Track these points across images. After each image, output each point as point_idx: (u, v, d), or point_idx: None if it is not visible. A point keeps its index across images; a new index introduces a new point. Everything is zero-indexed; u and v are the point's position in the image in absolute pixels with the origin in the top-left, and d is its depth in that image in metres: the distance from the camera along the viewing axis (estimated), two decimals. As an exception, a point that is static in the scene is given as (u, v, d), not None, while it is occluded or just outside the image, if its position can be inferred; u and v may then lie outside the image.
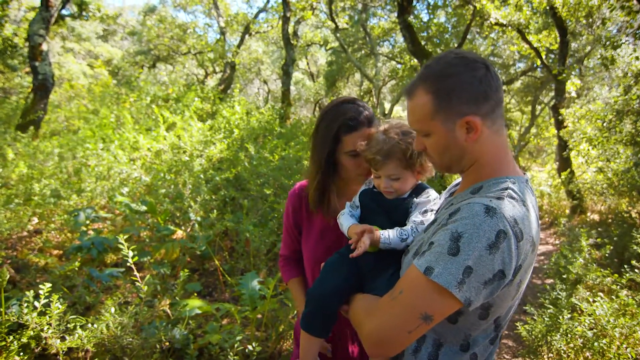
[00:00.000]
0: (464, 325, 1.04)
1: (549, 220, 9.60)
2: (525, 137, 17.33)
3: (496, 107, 1.04)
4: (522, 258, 0.94)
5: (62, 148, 5.54)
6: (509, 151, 1.10)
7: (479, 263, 0.89)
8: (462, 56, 1.03)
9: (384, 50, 19.61)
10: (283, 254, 1.73)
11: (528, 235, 0.94)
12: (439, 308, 0.93)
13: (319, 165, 1.46)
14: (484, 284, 0.91)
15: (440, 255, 0.93)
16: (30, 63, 8.05)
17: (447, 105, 1.02)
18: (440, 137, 1.06)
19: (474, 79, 1.00)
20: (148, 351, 2.41)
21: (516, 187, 1.00)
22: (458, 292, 0.90)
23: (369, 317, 1.05)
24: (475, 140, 1.04)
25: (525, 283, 1.04)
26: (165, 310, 3.21)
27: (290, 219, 1.64)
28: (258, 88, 25.66)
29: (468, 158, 1.08)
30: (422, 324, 0.95)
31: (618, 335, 2.80)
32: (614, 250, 5.65)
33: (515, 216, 0.93)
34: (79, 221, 4.04)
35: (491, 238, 0.89)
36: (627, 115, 7.25)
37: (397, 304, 0.97)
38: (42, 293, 2.12)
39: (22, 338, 2.10)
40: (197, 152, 5.93)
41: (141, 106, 8.86)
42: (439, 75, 1.03)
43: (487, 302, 0.99)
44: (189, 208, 4.35)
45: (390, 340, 0.98)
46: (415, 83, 1.08)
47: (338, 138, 1.40)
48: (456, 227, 0.94)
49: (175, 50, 17.23)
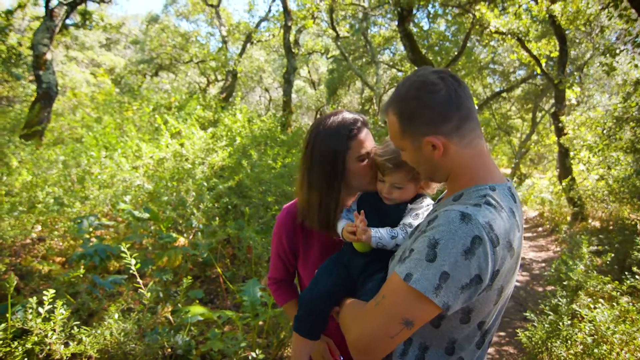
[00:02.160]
0: (447, 330, 1.07)
1: (550, 227, 9.60)
2: (525, 144, 17.34)
3: (462, 123, 1.07)
4: (499, 263, 0.97)
5: (66, 156, 5.58)
6: (488, 159, 1.13)
7: (455, 268, 0.92)
8: (423, 79, 1.08)
9: (384, 58, 19.74)
10: (274, 277, 1.66)
11: (504, 240, 0.97)
12: (419, 313, 0.97)
13: (323, 184, 1.40)
14: (461, 289, 0.94)
15: (418, 262, 0.96)
16: (34, 72, 8.15)
17: (410, 127, 1.09)
18: (411, 154, 1.14)
19: (432, 102, 1.05)
20: (151, 357, 2.43)
21: (496, 193, 1.04)
22: (435, 298, 0.93)
23: (354, 324, 1.09)
24: (442, 156, 1.09)
25: (508, 289, 1.07)
26: (167, 317, 3.23)
27: (284, 245, 1.56)
28: (260, 96, 25.81)
29: (441, 171, 1.14)
30: (404, 329, 0.98)
31: (618, 341, 2.81)
32: (615, 257, 5.65)
33: (491, 222, 0.96)
34: (82, 228, 4.07)
35: (467, 244, 0.93)
36: (626, 123, 7.28)
37: (379, 310, 1.01)
38: (46, 299, 2.15)
39: (27, 344, 2.13)
40: (200, 160, 5.97)
41: (144, 114, 8.92)
42: (402, 99, 1.10)
43: (467, 306, 1.02)
44: (192, 215, 4.38)
45: (374, 347, 1.01)
46: (387, 104, 1.15)
47: (347, 147, 1.37)
48: (433, 234, 0.97)
49: (178, 58, 17.36)
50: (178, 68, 19.09)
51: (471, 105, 1.10)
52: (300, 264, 1.56)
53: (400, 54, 17.54)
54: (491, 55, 16.91)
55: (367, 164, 1.38)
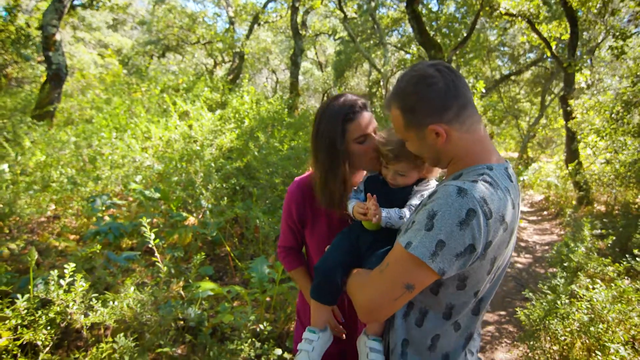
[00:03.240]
0: (445, 296, 1.16)
1: (555, 211, 9.64)
2: (533, 128, 17.21)
3: (461, 111, 1.15)
4: (491, 234, 1.05)
5: (77, 137, 5.70)
6: (487, 143, 1.21)
7: (451, 237, 1.01)
8: (420, 73, 1.16)
9: (392, 40, 19.51)
10: (284, 245, 1.76)
11: (498, 214, 1.05)
12: (419, 278, 1.07)
13: (327, 164, 1.49)
14: (455, 257, 1.03)
15: (418, 232, 1.06)
16: (44, 53, 8.21)
17: (413, 119, 1.17)
18: (415, 144, 1.22)
19: (432, 94, 1.13)
20: (165, 327, 2.56)
21: (493, 172, 1.12)
22: (432, 263, 1.02)
23: (361, 290, 1.20)
24: (445, 142, 1.17)
25: (500, 260, 1.15)
26: (179, 292, 3.37)
27: (293, 215, 1.66)
28: (266, 78, 25.71)
29: (444, 157, 1.22)
30: (406, 292, 1.08)
31: (611, 320, 2.90)
32: (617, 241, 5.72)
33: (485, 197, 1.04)
34: (95, 207, 4.21)
35: (462, 215, 1.01)
36: (635, 107, 7.23)
37: (384, 276, 1.12)
38: (67, 272, 2.27)
39: (50, 313, 2.26)
40: (208, 142, 6.06)
41: (152, 96, 9.00)
42: (403, 94, 1.17)
43: (463, 274, 1.11)
44: (201, 195, 4.50)
45: (379, 308, 1.12)
46: (389, 100, 1.23)
47: (344, 130, 1.45)
48: (432, 206, 1.06)
49: (185, 39, 17.31)
50: (185, 49, 19.05)
51: (468, 93, 1.18)
52: (308, 234, 1.67)
53: (409, 36, 17.33)
54: (501, 37, 16.66)
55: (367, 145, 1.47)
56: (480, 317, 1.26)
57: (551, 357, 2.99)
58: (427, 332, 1.20)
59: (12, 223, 4.16)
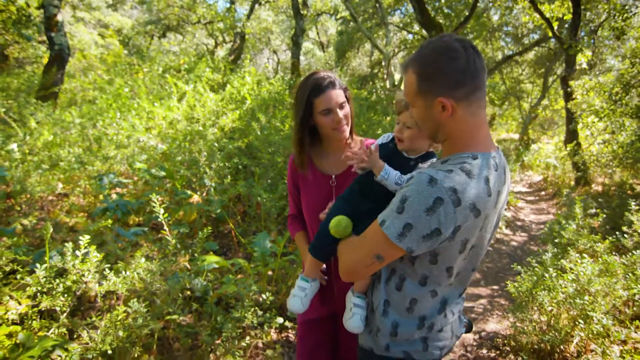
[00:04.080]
0: (420, 267, 1.30)
1: (553, 191, 9.76)
2: (535, 109, 17.19)
3: (473, 92, 1.22)
4: (460, 220, 1.16)
5: (82, 117, 5.81)
6: (484, 129, 1.29)
7: (418, 221, 1.15)
8: (446, 45, 1.21)
9: (395, 19, 19.30)
10: (291, 213, 2.01)
11: (467, 202, 1.15)
12: (387, 252, 1.23)
13: (299, 130, 1.75)
14: (422, 238, 1.16)
15: (391, 212, 1.20)
16: (46, 34, 8.23)
17: (427, 87, 1.23)
18: (421, 110, 1.28)
19: (452, 67, 1.20)
20: (174, 296, 2.73)
21: (475, 162, 1.21)
22: (399, 242, 1.17)
23: (344, 253, 1.39)
24: (448, 117, 1.24)
25: (473, 242, 1.27)
26: (185, 265, 3.54)
27: (290, 180, 1.93)
28: (268, 58, 25.54)
29: (442, 132, 1.29)
30: (376, 262, 1.26)
31: (594, 291, 3.06)
32: (611, 220, 5.86)
33: (455, 186, 1.14)
34: (103, 185, 4.35)
35: (429, 203, 1.13)
36: (634, 88, 7.27)
37: (360, 245, 1.30)
38: (82, 243, 2.43)
39: (67, 281, 2.42)
40: (210, 122, 6.16)
41: (154, 76, 9.04)
42: (425, 61, 1.23)
43: (434, 251, 1.24)
44: (204, 174, 4.63)
45: (355, 272, 1.33)
46: (409, 62, 1.28)
47: (311, 102, 1.69)
48: (405, 191, 1.19)
49: (185, 19, 17.18)
50: (185, 29, 18.90)
51: (484, 77, 1.25)
52: (301, 198, 1.89)
53: (411, 15, 17.14)
54: (505, 17, 16.48)
55: (330, 117, 1.69)
56: (460, 286, 1.39)
57: (538, 326, 3.16)
58: (405, 296, 1.34)
59: (23, 200, 4.31)
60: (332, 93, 1.67)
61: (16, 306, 2.52)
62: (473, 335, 3.57)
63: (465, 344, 3.45)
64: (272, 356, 2.90)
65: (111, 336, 2.19)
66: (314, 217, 1.75)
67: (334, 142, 1.81)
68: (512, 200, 8.24)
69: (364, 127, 6.35)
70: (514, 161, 9.73)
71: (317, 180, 1.83)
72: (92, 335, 2.21)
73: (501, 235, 6.52)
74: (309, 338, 1.91)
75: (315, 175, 1.83)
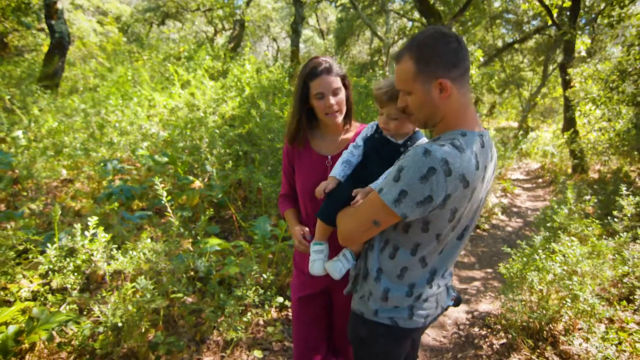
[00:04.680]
0: (412, 235, 1.42)
1: (550, 178, 9.87)
2: (534, 97, 17.20)
3: (464, 74, 1.34)
4: (450, 189, 1.27)
5: (85, 104, 5.89)
6: (471, 109, 1.41)
7: (412, 189, 1.26)
8: (440, 31, 1.34)
9: (395, 6, 19.19)
10: (282, 193, 2.09)
11: (457, 173, 1.26)
12: (384, 217, 1.34)
13: (296, 108, 1.85)
14: (416, 204, 1.27)
15: (389, 181, 1.32)
16: (46, 22, 8.25)
17: (425, 69, 1.32)
18: (419, 95, 1.37)
19: (447, 50, 1.31)
20: (178, 276, 2.86)
21: (464, 138, 1.32)
22: (395, 208, 1.28)
23: (343, 219, 1.51)
24: (446, 98, 1.34)
25: (461, 212, 1.37)
26: (188, 248, 3.66)
27: (285, 160, 2.01)
28: (267, 46, 25.44)
29: (439, 114, 1.38)
30: (373, 227, 1.38)
31: (583, 272, 3.18)
32: (605, 206, 5.98)
33: (447, 158, 1.25)
34: (107, 171, 4.46)
35: (423, 172, 1.24)
36: (630, 75, 7.33)
37: (359, 212, 1.43)
38: (91, 224, 2.54)
39: (77, 260, 2.55)
40: (211, 110, 6.24)
41: (154, 64, 9.09)
42: (421, 45, 1.33)
43: (425, 218, 1.35)
44: (206, 160, 4.73)
45: (353, 237, 1.47)
46: (403, 51, 1.38)
47: (307, 84, 1.78)
48: (402, 162, 1.30)
49: (185, 6, 17.11)
50: (185, 16, 18.82)
51: (469, 63, 1.37)
52: (296, 176, 1.98)
53: (411, 2, 17.05)
54: (506, 3, 16.39)
55: (323, 101, 1.77)
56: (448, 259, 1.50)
57: (527, 305, 3.29)
58: (397, 264, 1.46)
59: (29, 186, 4.43)
60: (327, 78, 1.75)
61: (28, 284, 2.65)
62: (466, 315, 3.71)
63: (458, 322, 3.59)
64: (272, 332, 3.04)
65: (121, 310, 2.32)
66: (308, 197, 1.86)
67: (330, 125, 1.89)
68: (508, 187, 8.35)
69: (362, 114, 6.43)
70: (511, 149, 9.80)
71: (312, 160, 1.91)
72: (103, 309, 2.34)
73: (497, 221, 6.65)
74: (304, 314, 2.02)
75: (311, 155, 1.91)
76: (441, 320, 3.61)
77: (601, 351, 2.64)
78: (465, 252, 5.30)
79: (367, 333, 1.55)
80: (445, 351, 3.18)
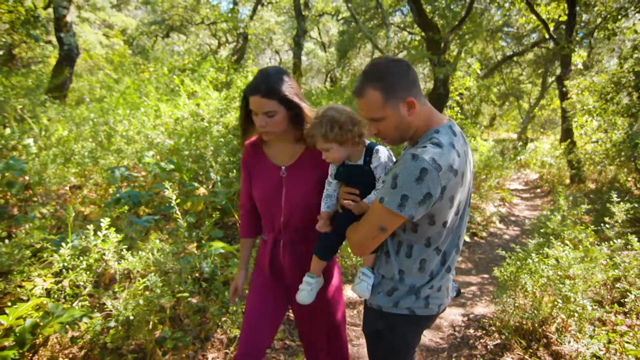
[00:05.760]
0: (422, 231, 1.56)
1: (548, 188, 9.99)
2: (534, 109, 17.42)
3: (417, 86, 1.53)
4: (444, 182, 1.43)
5: (95, 114, 6.08)
6: (432, 110, 1.59)
7: (411, 191, 1.40)
8: (391, 59, 1.52)
9: (396, 20, 19.53)
10: (242, 203, 2.06)
11: (446, 165, 1.42)
12: (390, 222, 1.47)
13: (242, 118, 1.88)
14: (418, 204, 1.41)
15: (387, 190, 1.45)
16: (56, 34, 8.50)
17: (393, 95, 1.49)
18: (392, 119, 1.52)
19: (403, 73, 1.49)
20: (184, 278, 2.99)
21: (439, 134, 1.50)
22: (401, 212, 1.42)
23: (352, 232, 1.63)
24: (414, 113, 1.52)
25: (458, 198, 1.53)
26: (193, 251, 3.79)
27: (243, 169, 2.01)
28: (270, 58, 25.80)
29: (412, 127, 1.56)
30: (381, 233, 1.50)
31: (575, 275, 3.30)
32: (601, 215, 6.10)
33: (434, 156, 1.41)
34: (115, 177, 4.62)
35: (416, 174, 1.39)
36: (624, 87, 7.51)
37: (365, 223, 1.55)
38: (103, 225, 2.69)
39: (90, 259, 2.68)
40: (215, 120, 6.42)
41: (160, 76, 9.32)
42: (382, 75, 1.49)
43: (430, 213, 1.50)
44: (210, 168, 4.89)
45: (364, 244, 1.57)
46: (363, 85, 1.51)
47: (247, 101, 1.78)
48: (395, 170, 1.45)
49: (189, 20, 17.47)
50: (189, 29, 19.20)
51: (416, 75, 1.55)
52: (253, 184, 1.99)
53: (411, 16, 17.36)
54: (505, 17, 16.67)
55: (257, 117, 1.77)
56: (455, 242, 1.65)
57: (520, 308, 3.41)
58: (415, 259, 1.60)
59: (39, 192, 4.58)
60: (258, 100, 1.73)
61: (42, 283, 2.79)
62: (462, 317, 3.82)
63: (454, 324, 3.70)
64: (274, 332, 3.15)
65: (132, 305, 2.45)
66: (265, 206, 1.92)
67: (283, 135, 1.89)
68: (507, 197, 8.48)
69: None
70: (510, 159, 9.96)
71: (267, 170, 1.93)
72: (115, 304, 2.47)
73: (494, 229, 6.76)
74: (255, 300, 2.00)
75: (266, 165, 1.93)
76: (437, 322, 3.72)
77: (588, 348, 2.75)
78: (463, 258, 5.41)
79: (384, 325, 1.68)
80: (440, 351, 3.29)
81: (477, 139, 9.29)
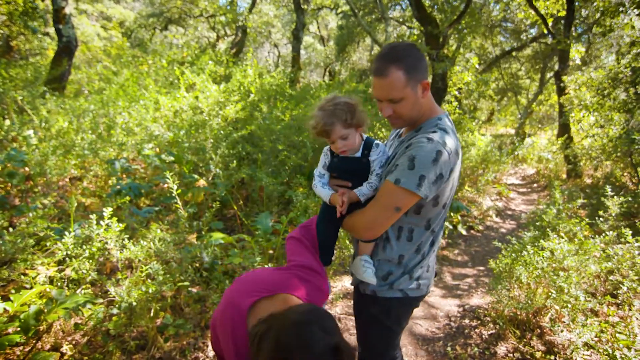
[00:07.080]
0: (425, 213, 1.63)
1: (544, 183, 10.05)
2: (532, 105, 17.46)
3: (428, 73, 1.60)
4: (452, 163, 1.52)
5: (95, 105, 6.09)
6: (433, 99, 1.68)
7: (428, 171, 1.46)
8: (410, 44, 1.57)
9: (395, 14, 19.48)
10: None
11: (453, 149, 1.52)
12: (405, 202, 1.52)
13: None
14: (432, 184, 1.48)
15: (403, 171, 1.49)
16: (54, 26, 8.48)
17: (415, 75, 1.54)
18: (412, 99, 1.57)
19: (421, 57, 1.56)
20: (185, 268, 3.04)
21: (443, 121, 1.61)
22: (418, 191, 1.47)
23: (362, 215, 1.62)
24: (426, 95, 1.61)
25: (455, 177, 1.61)
26: (194, 241, 3.84)
27: None
28: (268, 52, 25.74)
29: (422, 110, 1.64)
30: (395, 213, 1.54)
31: (569, 267, 3.36)
32: (596, 209, 6.17)
33: (445, 140, 1.51)
34: (115, 169, 4.65)
35: (433, 155, 1.46)
36: (621, 83, 7.55)
37: (378, 205, 1.57)
38: (106, 215, 2.73)
39: (93, 248, 2.73)
40: (214, 113, 6.45)
41: (159, 68, 9.31)
42: (405, 57, 1.53)
43: (437, 194, 1.57)
44: (210, 160, 4.93)
45: (375, 227, 1.58)
46: (387, 65, 1.53)
47: None
48: (411, 152, 1.50)
49: (188, 12, 17.39)
50: (187, 22, 19.11)
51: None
52: None
53: (410, 10, 17.33)
54: (504, 12, 16.65)
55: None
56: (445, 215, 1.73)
57: (515, 299, 3.47)
58: (415, 242, 1.67)
59: (40, 183, 4.61)
60: None
61: (45, 271, 2.83)
62: (457, 308, 3.89)
63: (450, 315, 3.76)
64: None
65: (135, 291, 2.50)
66: None
67: None
68: (503, 191, 8.54)
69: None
70: (507, 154, 10.02)
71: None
72: (118, 291, 2.52)
73: (491, 222, 6.83)
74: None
75: None
76: (434, 313, 3.78)
77: (581, 337, 2.81)
78: (459, 251, 5.48)
79: (379, 309, 1.75)
80: (436, 340, 3.36)
81: (474, 133, 9.33)
